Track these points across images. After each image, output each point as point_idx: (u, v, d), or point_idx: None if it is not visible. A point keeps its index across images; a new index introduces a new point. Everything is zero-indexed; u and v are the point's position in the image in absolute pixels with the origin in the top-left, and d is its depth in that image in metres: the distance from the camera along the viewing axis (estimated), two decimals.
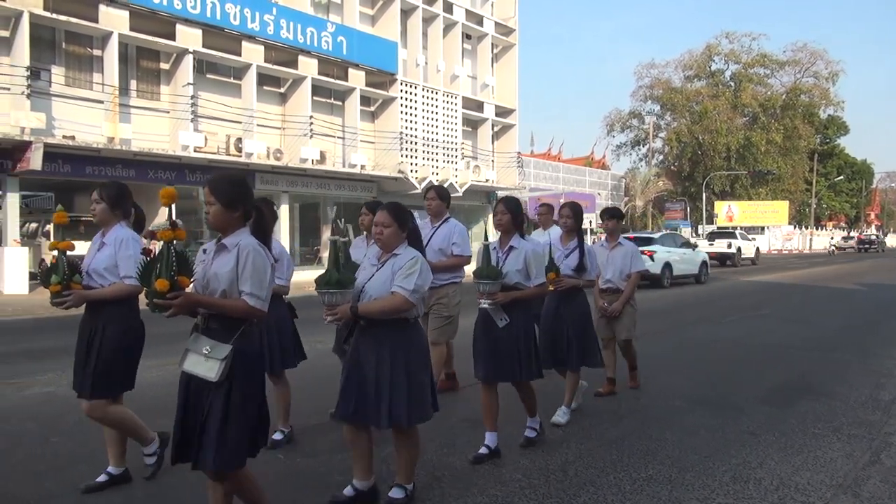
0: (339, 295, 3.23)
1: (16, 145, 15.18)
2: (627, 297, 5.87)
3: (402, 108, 24.25)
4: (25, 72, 15.31)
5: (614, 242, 5.99)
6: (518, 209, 4.33)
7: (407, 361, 3.30)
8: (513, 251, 4.26)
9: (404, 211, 3.44)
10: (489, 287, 4.07)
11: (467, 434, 4.63)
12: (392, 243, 3.38)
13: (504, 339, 4.16)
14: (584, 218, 5.69)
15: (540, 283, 4.28)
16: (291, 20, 20.78)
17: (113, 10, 16.96)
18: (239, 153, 19.47)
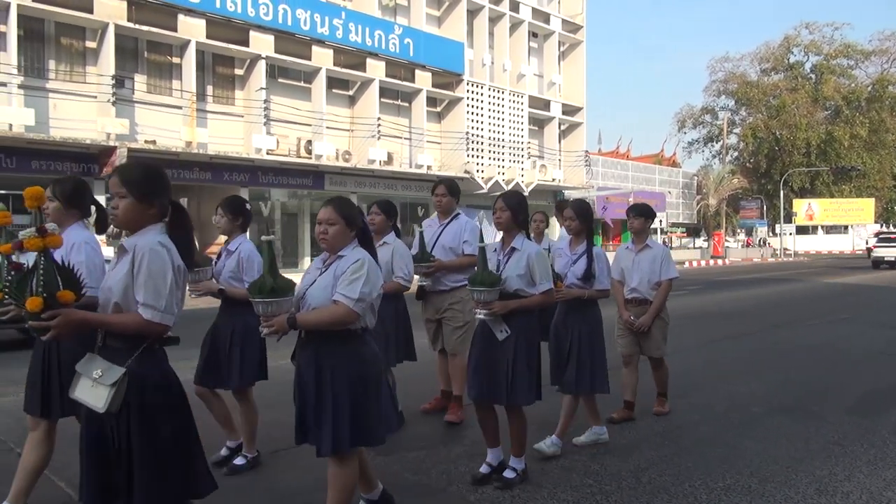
0: (275, 304, 2.80)
1: (102, 150, 16.00)
2: (657, 309, 5.05)
3: (468, 108, 24.28)
4: (111, 80, 16.12)
5: (641, 245, 5.15)
6: (519, 206, 3.79)
7: (351, 380, 2.86)
8: (514, 254, 3.75)
9: (352, 207, 3.04)
10: (485, 295, 3.60)
11: (535, 435, 4.57)
12: (337, 243, 2.96)
13: (501, 354, 3.67)
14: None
15: (545, 289, 3.72)
16: (360, 24, 21.13)
17: (191, 19, 17.65)
18: (309, 155, 19.92)
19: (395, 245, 4.57)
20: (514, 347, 3.66)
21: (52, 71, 16.35)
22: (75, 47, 16.81)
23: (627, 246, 5.27)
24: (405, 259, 4.59)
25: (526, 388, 3.69)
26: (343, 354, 2.88)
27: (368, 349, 2.96)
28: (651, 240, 5.19)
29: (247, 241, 4.02)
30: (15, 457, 4.23)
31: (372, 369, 2.95)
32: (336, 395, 2.83)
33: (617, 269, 5.14)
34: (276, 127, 19.53)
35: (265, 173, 19.37)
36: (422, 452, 4.24)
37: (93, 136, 15.87)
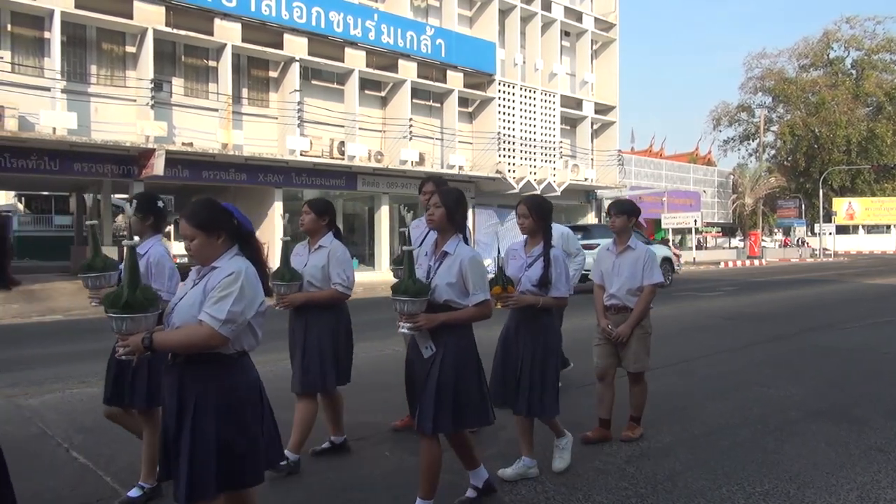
0: (130, 321, 2.41)
1: (141, 152, 16.36)
2: (638, 317, 4.52)
3: (499, 108, 24.26)
4: (149, 84, 16.47)
5: (623, 246, 4.61)
6: (456, 203, 3.34)
7: (219, 413, 2.45)
8: (446, 259, 3.27)
9: (217, 210, 2.60)
10: (407, 306, 3.12)
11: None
12: (206, 254, 2.54)
13: (429, 374, 3.22)
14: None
15: (480, 301, 3.22)
16: (392, 25, 21.25)
17: (227, 23, 17.95)
18: (342, 156, 20.10)
19: (330, 248, 4.11)
20: (439, 367, 3.19)
21: (94, 75, 16.76)
22: (115, 52, 17.22)
23: (608, 247, 4.74)
24: (343, 263, 4.09)
25: (457, 413, 3.20)
26: (210, 382, 2.48)
27: (244, 377, 2.56)
28: (634, 240, 4.63)
29: (158, 244, 3.62)
30: (63, 451, 4.39)
31: (246, 400, 2.54)
32: (198, 428, 2.44)
33: (597, 272, 4.72)
34: (309, 128, 19.74)
35: (299, 174, 19.60)
36: (452, 452, 4.26)
37: (132, 138, 16.23)
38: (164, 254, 3.57)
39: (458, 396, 3.20)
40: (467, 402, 3.23)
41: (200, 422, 2.45)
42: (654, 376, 6.73)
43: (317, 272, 4.07)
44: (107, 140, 15.92)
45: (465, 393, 3.22)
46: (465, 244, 3.35)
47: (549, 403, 3.83)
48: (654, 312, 4.80)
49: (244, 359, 2.58)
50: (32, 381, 6.34)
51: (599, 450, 4.39)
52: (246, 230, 2.63)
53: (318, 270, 4.06)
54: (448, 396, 3.17)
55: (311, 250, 4.16)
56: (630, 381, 4.66)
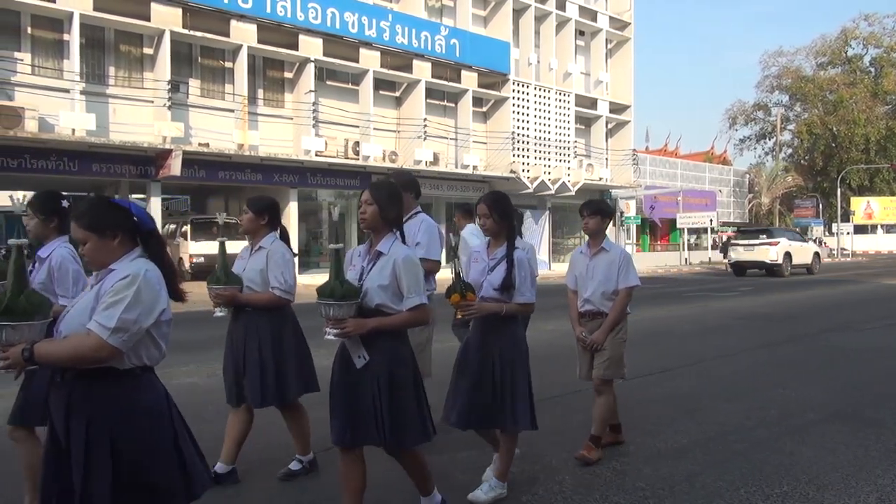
0: (10, 329, 2.10)
1: (158, 153, 16.54)
2: (612, 323, 4.26)
3: (514, 107, 24.24)
4: (166, 85, 16.64)
5: (597, 248, 4.35)
6: (390, 198, 3.05)
7: (114, 437, 2.12)
8: (379, 259, 2.99)
9: (109, 209, 2.29)
10: (333, 310, 2.84)
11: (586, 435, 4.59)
12: (101, 257, 2.25)
13: (362, 385, 2.92)
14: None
15: (414, 305, 2.93)
16: (406, 25, 21.30)
17: (243, 24, 18.08)
18: (357, 156, 20.18)
19: (270, 249, 3.81)
20: (376, 378, 2.90)
21: (112, 77, 16.96)
22: (133, 54, 17.40)
23: (581, 250, 4.50)
24: (282, 265, 3.76)
25: (400, 427, 2.92)
26: (103, 403, 2.14)
27: (145, 396, 2.22)
28: (609, 242, 4.39)
29: (62, 247, 3.30)
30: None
31: (148, 425, 2.18)
32: (91, 458, 2.10)
33: (570, 276, 4.50)
34: (324, 129, 19.84)
35: (314, 174, 19.70)
36: (473, 452, 4.29)
37: (150, 139, 16.40)
38: (67, 256, 3.24)
39: (394, 412, 2.90)
40: (405, 418, 2.93)
41: (93, 452, 2.10)
42: (669, 377, 6.73)
43: (255, 275, 3.79)
44: (125, 141, 16.11)
45: (401, 408, 2.92)
46: (402, 243, 3.06)
47: (522, 415, 3.52)
48: (666, 313, 4.77)
49: (146, 375, 2.24)
50: None
51: (615, 450, 4.39)
52: (146, 228, 2.32)
53: (257, 274, 3.78)
54: (388, 404, 2.89)
55: (252, 252, 3.89)
56: (595, 390, 4.32)
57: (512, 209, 3.68)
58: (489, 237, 3.71)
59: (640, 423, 4.95)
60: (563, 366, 7.19)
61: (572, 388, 5.91)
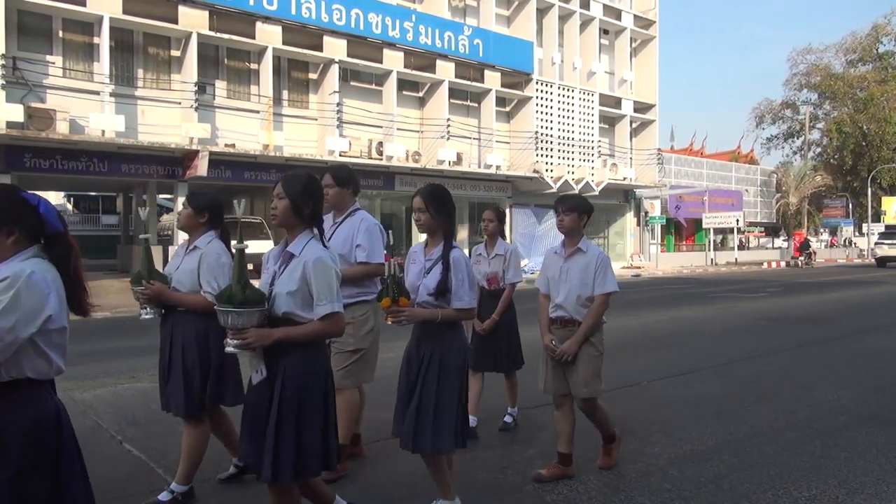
0: None
1: (185, 154, 16.77)
2: (586, 332, 3.81)
3: (537, 107, 24.18)
4: (193, 87, 16.86)
5: (572, 248, 3.92)
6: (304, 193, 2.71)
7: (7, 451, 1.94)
8: (291, 261, 2.67)
9: (11, 202, 2.06)
10: (231, 318, 2.52)
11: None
12: None
13: (262, 404, 2.62)
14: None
15: (325, 314, 2.60)
16: (430, 25, 21.35)
17: (268, 26, 18.26)
18: (380, 156, 20.27)
19: (205, 251, 3.51)
20: (278, 398, 2.58)
21: (141, 79, 17.23)
22: (161, 56, 17.66)
23: (556, 250, 4.06)
24: (215, 269, 3.46)
25: (285, 460, 2.56)
26: None
27: (25, 412, 1.97)
28: (585, 242, 3.96)
29: None
30: (116, 444, 4.54)
31: (26, 444, 1.96)
32: None
33: (542, 279, 4.06)
34: (348, 129, 19.96)
35: None
36: (497, 451, 4.29)
37: (177, 140, 16.64)
38: None
39: (300, 436, 2.58)
40: (311, 444, 2.60)
41: None
42: (696, 379, 6.66)
43: (185, 277, 3.51)
44: (153, 142, 16.35)
45: (308, 431, 2.59)
46: (317, 243, 2.71)
47: (441, 435, 3.09)
48: (693, 313, 4.70)
49: (30, 390, 1.99)
50: (85, 376, 6.55)
51: (641, 451, 4.36)
52: (51, 230, 2.09)
53: (187, 275, 3.49)
54: (289, 436, 2.56)
55: (186, 252, 3.60)
56: (581, 409, 3.92)
57: (450, 204, 3.27)
58: (426, 234, 3.30)
59: (666, 425, 4.91)
60: None
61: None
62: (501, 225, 5.03)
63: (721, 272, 28.27)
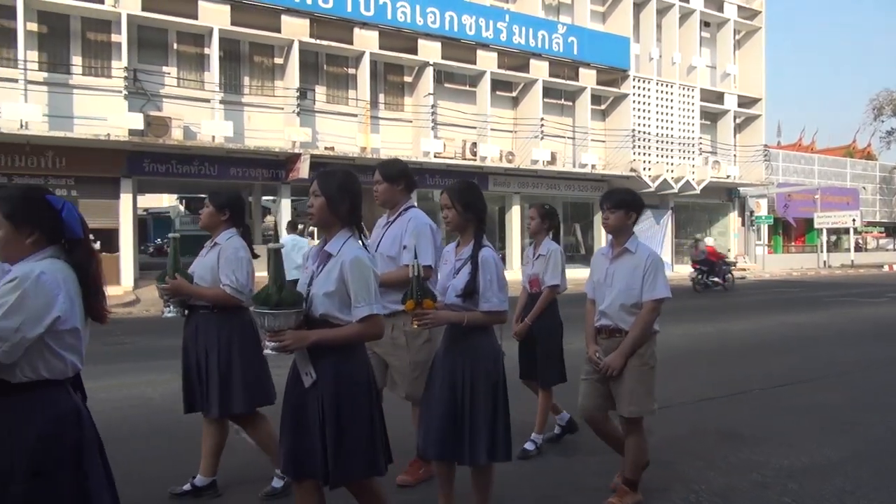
0: None
1: (288, 157, 17.45)
2: (633, 344, 3.41)
3: (634, 104, 23.55)
4: (295, 93, 17.51)
5: (619, 249, 3.53)
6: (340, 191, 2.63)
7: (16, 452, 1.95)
8: (328, 261, 2.59)
9: (36, 203, 2.09)
10: (267, 320, 2.47)
11: (725, 448, 4.36)
12: (9, 250, 2.09)
13: (307, 408, 2.56)
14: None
15: (363, 316, 2.51)
16: (523, 25, 21.24)
17: (365, 31, 18.72)
18: (474, 157, 20.35)
19: (223, 246, 3.55)
20: (320, 402, 2.52)
21: (247, 87, 18.07)
22: (265, 64, 18.45)
23: (603, 251, 3.68)
24: (234, 263, 3.48)
25: (348, 460, 2.52)
26: (8, 413, 1.97)
27: (41, 413, 1.99)
28: (634, 241, 3.54)
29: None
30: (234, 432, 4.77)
31: (41, 445, 1.97)
32: None
33: (589, 282, 3.71)
34: (442, 130, 20.15)
35: (432, 175, 20.05)
36: (604, 457, 4.20)
37: (280, 144, 17.34)
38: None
39: (342, 438, 2.52)
40: (354, 447, 2.54)
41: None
42: (814, 388, 6.28)
43: (205, 273, 3.55)
44: (258, 146, 17.12)
45: (350, 434, 2.53)
46: (355, 242, 2.61)
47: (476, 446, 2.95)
48: (807, 318, 4.43)
49: (46, 390, 2.00)
50: None
51: (753, 461, 4.14)
52: (70, 235, 2.11)
53: (207, 271, 3.54)
54: (331, 438, 2.51)
55: (208, 249, 3.65)
56: (624, 428, 3.53)
57: (480, 201, 3.12)
58: (454, 232, 3.16)
59: (782, 435, 4.65)
60: (692, 371, 6.93)
61: (704, 395, 5.66)
62: (546, 223, 4.62)
63: (835, 275, 26.56)
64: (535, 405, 4.46)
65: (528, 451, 4.32)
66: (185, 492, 3.64)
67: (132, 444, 4.52)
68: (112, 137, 15.08)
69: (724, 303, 14.77)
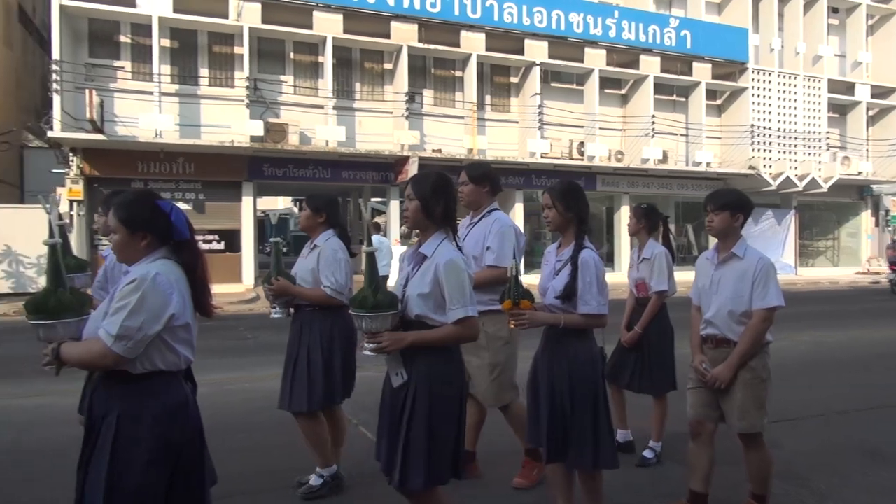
0: (46, 328, 2.22)
1: (397, 160, 17.88)
2: (742, 355, 3.21)
3: (753, 98, 22.35)
4: (404, 97, 17.90)
5: (726, 253, 3.34)
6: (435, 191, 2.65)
7: (115, 446, 2.14)
8: (423, 263, 2.62)
9: (148, 208, 2.26)
10: (365, 322, 2.53)
11: (863, 465, 4.06)
12: (126, 253, 2.27)
13: (398, 411, 2.58)
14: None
15: (459, 318, 2.53)
16: (633, 20, 20.67)
17: (472, 34, 18.85)
18: (581, 157, 20.02)
19: (322, 247, 3.68)
20: (411, 403, 2.54)
21: (358, 92, 18.66)
22: (375, 70, 18.98)
23: (708, 255, 3.47)
24: (333, 265, 3.60)
25: (414, 466, 2.50)
26: (114, 404, 2.18)
27: (156, 401, 2.19)
28: (743, 245, 3.31)
29: None
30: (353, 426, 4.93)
31: (156, 430, 2.16)
32: (92, 462, 2.17)
33: (694, 288, 3.54)
34: (549, 130, 19.95)
35: (538, 176, 19.91)
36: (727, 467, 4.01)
37: (389, 147, 17.79)
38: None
39: (432, 442, 2.51)
40: (442, 450, 2.53)
41: (98, 453, 2.15)
42: None
43: (307, 274, 3.70)
44: (369, 150, 17.65)
45: (440, 438, 2.53)
46: (449, 244, 2.63)
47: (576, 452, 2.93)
48: None
49: (161, 381, 2.21)
50: None
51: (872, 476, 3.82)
52: (179, 237, 2.27)
53: (308, 273, 3.68)
54: (420, 441, 2.51)
55: (308, 251, 3.79)
56: (742, 444, 3.35)
57: (583, 201, 3.09)
58: (555, 232, 3.17)
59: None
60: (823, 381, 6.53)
61: (835, 407, 5.28)
62: (643, 223, 4.46)
63: None
64: None
65: (648, 460, 4.22)
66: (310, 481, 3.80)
67: (255, 435, 4.77)
68: (235, 144, 16.02)
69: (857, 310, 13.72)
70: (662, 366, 4.30)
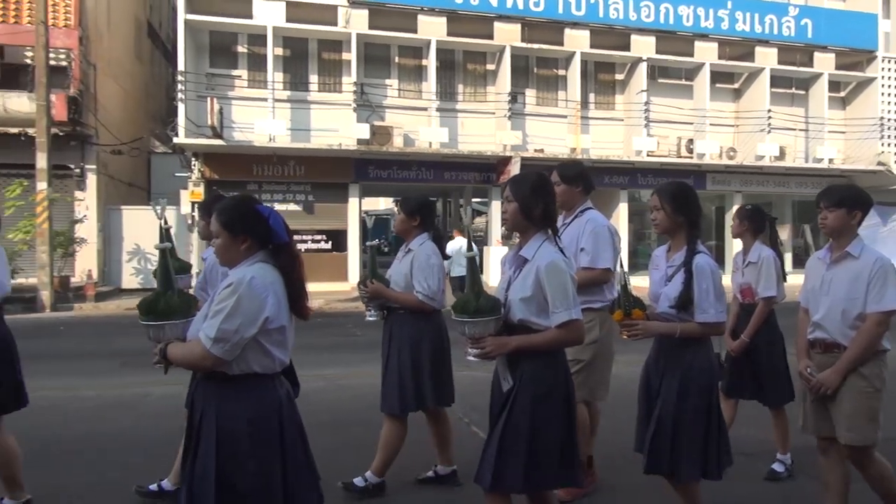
0: (156, 328, 2.33)
1: (499, 160, 17.88)
2: (852, 360, 2.98)
3: (883, 88, 20.76)
4: (507, 97, 17.87)
5: (839, 252, 3.10)
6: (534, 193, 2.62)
7: (218, 442, 2.22)
8: (524, 266, 2.58)
9: (248, 212, 2.33)
10: (468, 327, 2.52)
11: None
12: (228, 256, 2.34)
13: (508, 415, 2.54)
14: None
15: (562, 322, 2.48)
16: (748, 11, 19.69)
17: (575, 31, 18.57)
18: (690, 154, 19.28)
19: (416, 252, 3.68)
20: (511, 405, 2.52)
21: (460, 94, 18.79)
22: (478, 71, 19.05)
23: (819, 255, 3.25)
24: (426, 270, 3.60)
25: (515, 467, 2.49)
26: (213, 403, 2.27)
27: (251, 403, 2.26)
28: (859, 245, 3.07)
29: None
30: (465, 425, 4.96)
31: (248, 431, 2.23)
32: (198, 457, 2.27)
33: (803, 290, 3.29)
34: (655, 128, 19.32)
35: (644, 175, 19.34)
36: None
37: (492, 148, 17.81)
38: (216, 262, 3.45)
39: (532, 445, 2.48)
40: (545, 454, 2.50)
41: (202, 449, 2.26)
42: None
43: (400, 279, 3.72)
44: (471, 151, 17.75)
45: (542, 441, 2.49)
46: (550, 246, 2.57)
47: (682, 462, 2.81)
48: None
49: (255, 383, 2.27)
50: None
51: None
52: (277, 240, 2.33)
53: (402, 277, 3.70)
54: (519, 444, 2.48)
55: (403, 253, 3.80)
56: (851, 461, 3.10)
57: (694, 203, 2.95)
58: (663, 235, 3.04)
59: None
60: None
61: None
62: (746, 224, 4.21)
63: None
64: None
65: (778, 473, 4.03)
66: (429, 479, 3.90)
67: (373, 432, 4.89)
68: (343, 147, 16.55)
69: None
70: (776, 376, 4.08)
